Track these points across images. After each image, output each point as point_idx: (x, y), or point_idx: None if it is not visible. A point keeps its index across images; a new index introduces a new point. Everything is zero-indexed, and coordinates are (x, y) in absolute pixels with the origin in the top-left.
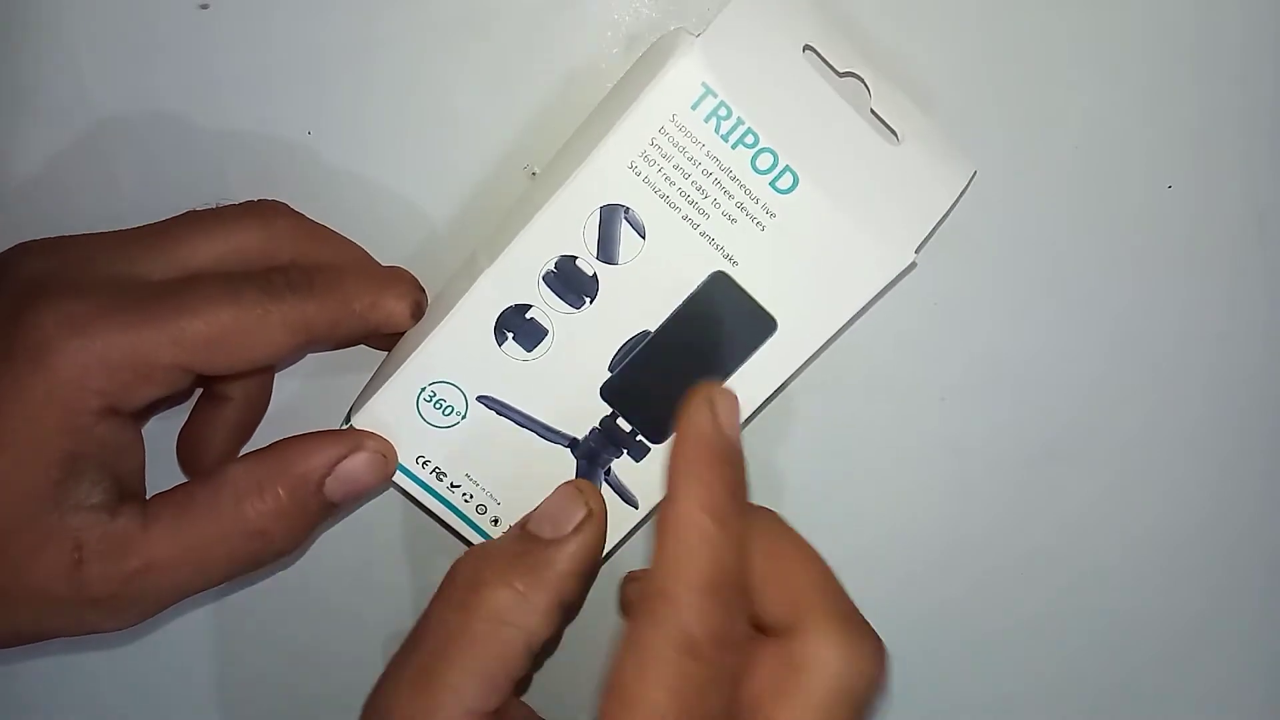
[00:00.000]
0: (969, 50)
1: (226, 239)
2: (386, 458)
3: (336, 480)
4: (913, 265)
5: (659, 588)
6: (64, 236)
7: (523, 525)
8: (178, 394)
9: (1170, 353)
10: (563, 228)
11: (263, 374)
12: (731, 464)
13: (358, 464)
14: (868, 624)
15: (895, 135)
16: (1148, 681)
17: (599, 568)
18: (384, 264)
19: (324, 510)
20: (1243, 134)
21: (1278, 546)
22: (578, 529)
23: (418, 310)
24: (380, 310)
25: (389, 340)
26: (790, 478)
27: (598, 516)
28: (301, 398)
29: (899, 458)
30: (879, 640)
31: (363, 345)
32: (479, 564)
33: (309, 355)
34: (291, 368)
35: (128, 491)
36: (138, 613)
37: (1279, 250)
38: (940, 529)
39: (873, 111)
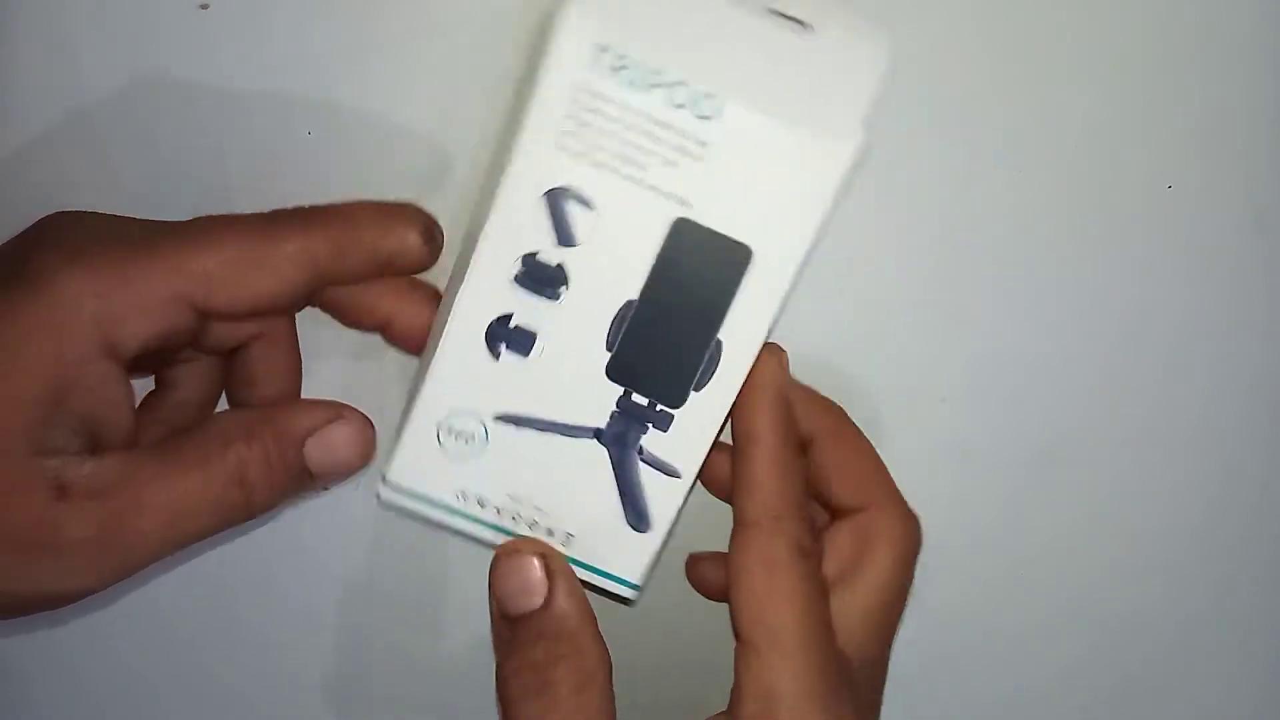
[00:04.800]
0: (969, 49)
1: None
2: (364, 435)
3: (318, 444)
4: (865, 148)
5: (773, 512)
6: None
7: (503, 615)
8: (178, 344)
9: (1170, 353)
10: (515, 227)
11: (272, 328)
12: (789, 404)
13: (338, 434)
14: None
15: (803, 25)
16: (1149, 681)
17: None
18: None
19: (302, 475)
20: (1243, 134)
21: (1278, 546)
22: (551, 584)
23: (429, 235)
24: (391, 237)
25: (411, 340)
26: None
27: (552, 558)
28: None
29: (900, 459)
30: (916, 516)
31: (393, 355)
32: (505, 686)
33: (338, 371)
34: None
35: (111, 447)
36: (116, 562)
37: (1278, 250)
38: (941, 530)
39: (775, 12)
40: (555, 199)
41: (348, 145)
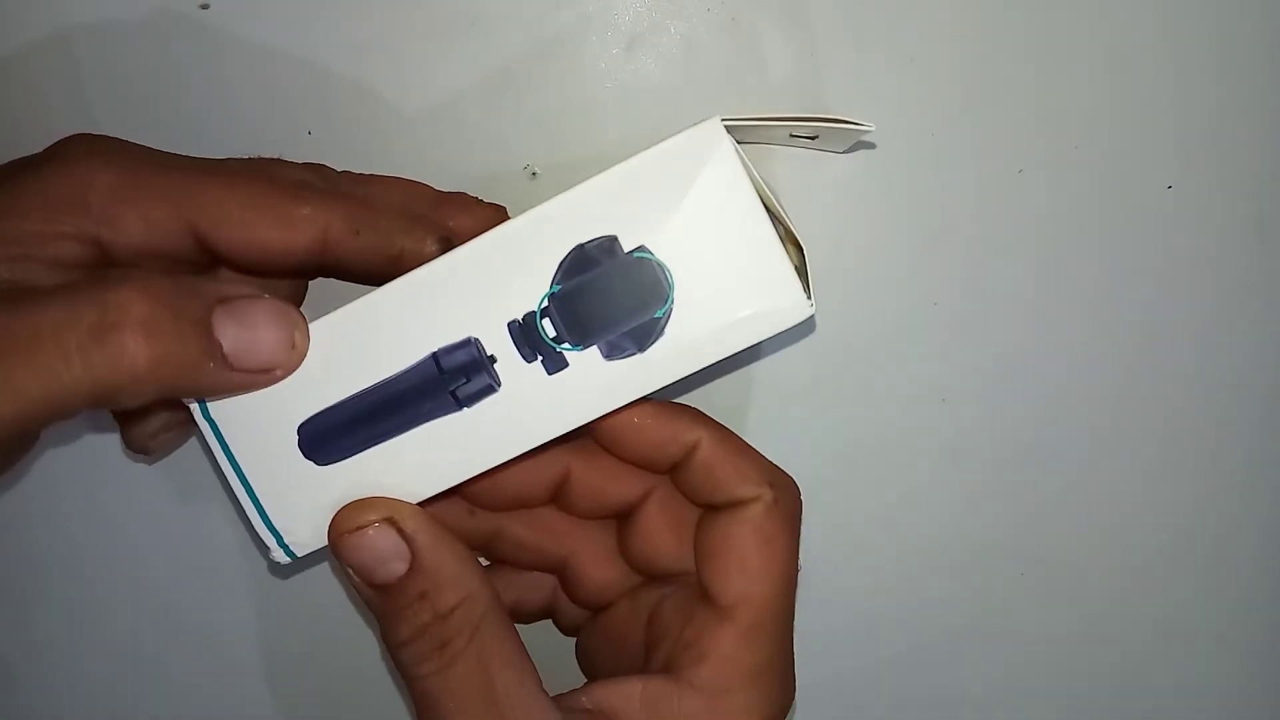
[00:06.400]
0: (969, 50)
1: (283, 172)
2: (289, 321)
3: (232, 313)
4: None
5: (769, 480)
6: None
7: (369, 584)
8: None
9: (1170, 353)
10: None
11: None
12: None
13: (258, 309)
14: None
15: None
16: (1150, 681)
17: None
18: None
19: (204, 345)
20: (1243, 134)
21: (1278, 546)
22: (411, 545)
23: (446, 249)
24: (408, 237)
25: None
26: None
27: (401, 516)
28: None
29: (900, 459)
30: (784, 474)
31: None
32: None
33: None
34: None
35: None
36: None
37: (1279, 250)
38: (941, 531)
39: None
40: None
41: (348, 145)
